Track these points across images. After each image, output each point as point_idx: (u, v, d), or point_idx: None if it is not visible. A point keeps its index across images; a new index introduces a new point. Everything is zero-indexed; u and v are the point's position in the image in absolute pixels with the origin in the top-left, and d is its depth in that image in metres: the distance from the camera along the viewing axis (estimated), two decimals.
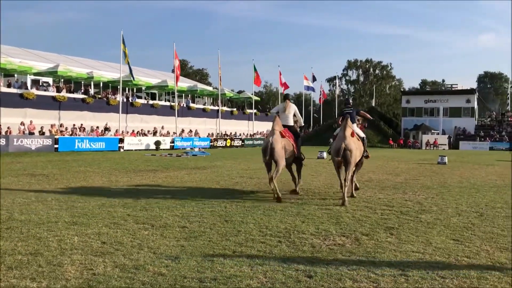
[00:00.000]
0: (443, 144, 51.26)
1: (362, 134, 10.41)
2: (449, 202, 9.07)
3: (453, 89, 64.42)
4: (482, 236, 6.03)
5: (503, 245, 5.54)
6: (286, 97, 10.69)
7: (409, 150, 46.84)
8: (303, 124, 10.71)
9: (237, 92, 61.35)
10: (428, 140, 52.93)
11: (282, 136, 9.22)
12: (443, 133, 55.88)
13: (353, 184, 9.93)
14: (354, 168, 9.59)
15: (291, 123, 9.93)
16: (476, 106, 60.78)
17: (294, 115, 10.08)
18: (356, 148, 9.27)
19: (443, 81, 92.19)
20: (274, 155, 8.81)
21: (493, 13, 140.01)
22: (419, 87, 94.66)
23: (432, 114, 60.03)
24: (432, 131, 56.75)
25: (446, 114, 58.61)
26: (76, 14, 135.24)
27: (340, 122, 10.00)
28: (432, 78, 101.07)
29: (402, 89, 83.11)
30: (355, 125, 10.25)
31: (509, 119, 58.20)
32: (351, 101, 11.35)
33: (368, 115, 11.61)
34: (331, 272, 4.34)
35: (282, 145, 9.03)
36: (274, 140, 8.86)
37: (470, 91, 61.13)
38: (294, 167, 10.20)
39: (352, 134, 9.43)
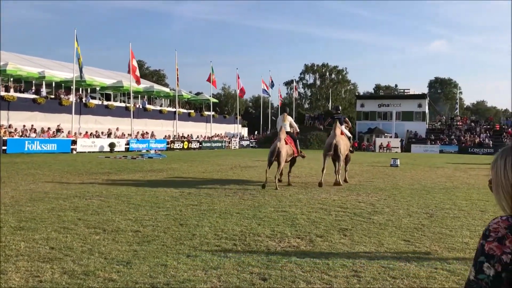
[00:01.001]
0: (395, 147, 52.66)
1: (349, 134, 13.46)
2: (400, 203, 9.33)
3: (405, 93, 66.33)
4: (432, 236, 6.22)
5: (451, 245, 5.73)
6: (284, 110, 13.41)
7: (363, 152, 47.89)
8: (298, 130, 13.66)
9: (195, 94, 60.63)
10: (381, 143, 54.23)
11: (286, 143, 11.89)
12: (396, 136, 57.46)
13: (339, 176, 12.41)
14: (343, 163, 12.41)
15: (288, 129, 12.74)
16: (427, 110, 62.82)
17: (291, 124, 12.91)
18: (344, 144, 12.11)
19: (396, 86, 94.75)
20: (279, 157, 11.55)
21: (445, 20, 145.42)
22: (373, 91, 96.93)
23: (386, 118, 61.62)
24: (385, 134, 58.23)
25: (398, 118, 60.35)
26: (27, 11, 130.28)
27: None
28: (386, 83, 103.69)
29: (356, 93, 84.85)
30: (343, 126, 13.13)
31: (458, 123, 60.51)
32: (340, 108, 14.70)
33: (349, 123, 14.71)
34: (285, 275, 4.36)
35: (286, 150, 11.80)
36: (281, 145, 11.65)
37: (422, 96, 63.18)
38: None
39: (341, 133, 12.42)
